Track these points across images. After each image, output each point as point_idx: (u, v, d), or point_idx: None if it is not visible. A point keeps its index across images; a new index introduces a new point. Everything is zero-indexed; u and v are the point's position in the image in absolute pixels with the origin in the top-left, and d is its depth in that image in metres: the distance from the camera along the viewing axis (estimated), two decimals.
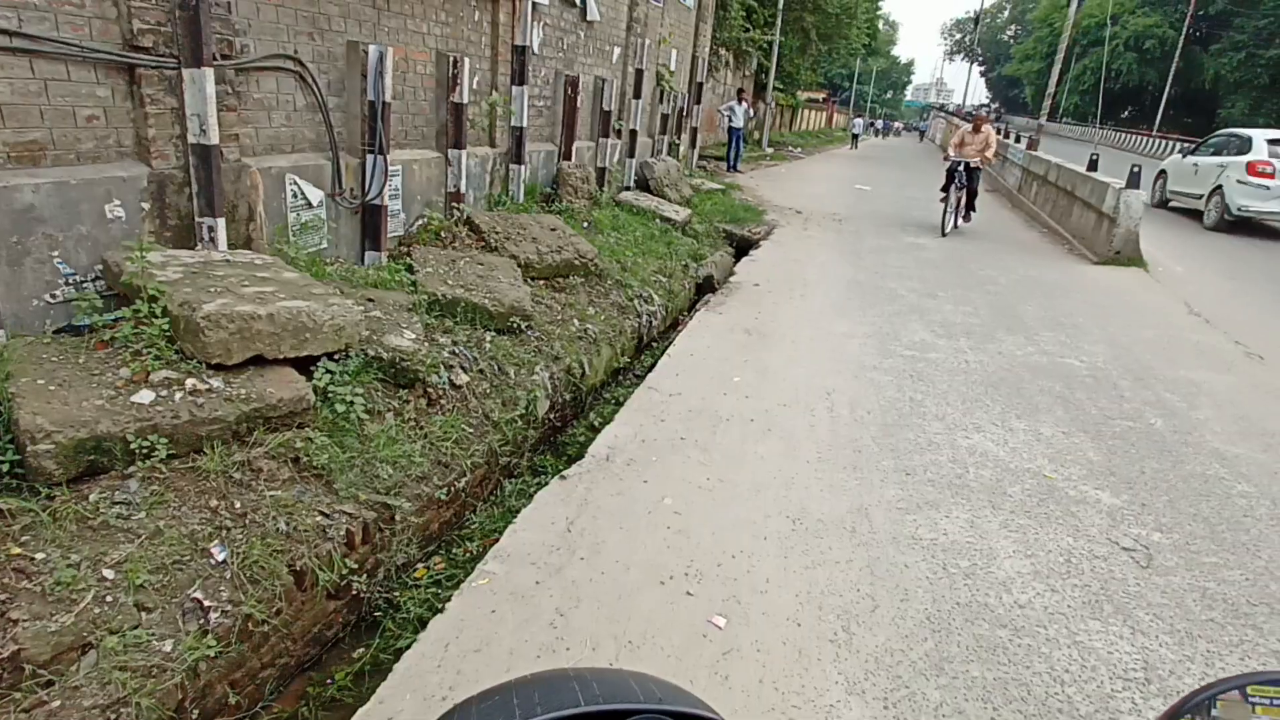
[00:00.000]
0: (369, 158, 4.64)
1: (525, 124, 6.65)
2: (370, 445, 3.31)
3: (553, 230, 6.01)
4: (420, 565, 3.35)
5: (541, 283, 5.56)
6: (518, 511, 3.22)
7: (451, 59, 5.39)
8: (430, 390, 3.78)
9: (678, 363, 4.87)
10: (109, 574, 2.22)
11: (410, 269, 4.75)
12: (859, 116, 41.43)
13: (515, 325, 4.62)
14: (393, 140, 4.96)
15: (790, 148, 26.85)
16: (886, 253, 8.97)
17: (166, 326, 2.93)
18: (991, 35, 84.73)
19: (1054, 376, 5.10)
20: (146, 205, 3.51)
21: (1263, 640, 2.61)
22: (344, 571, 2.82)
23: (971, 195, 10.72)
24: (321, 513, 2.89)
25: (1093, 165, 11.17)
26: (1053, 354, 5.59)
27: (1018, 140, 19.99)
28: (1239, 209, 11.91)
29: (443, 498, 3.46)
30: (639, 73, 9.73)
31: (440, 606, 2.61)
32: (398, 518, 3.19)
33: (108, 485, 2.48)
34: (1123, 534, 3.23)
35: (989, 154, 10.48)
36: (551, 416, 4.65)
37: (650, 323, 6.39)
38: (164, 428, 2.61)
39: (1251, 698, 0.75)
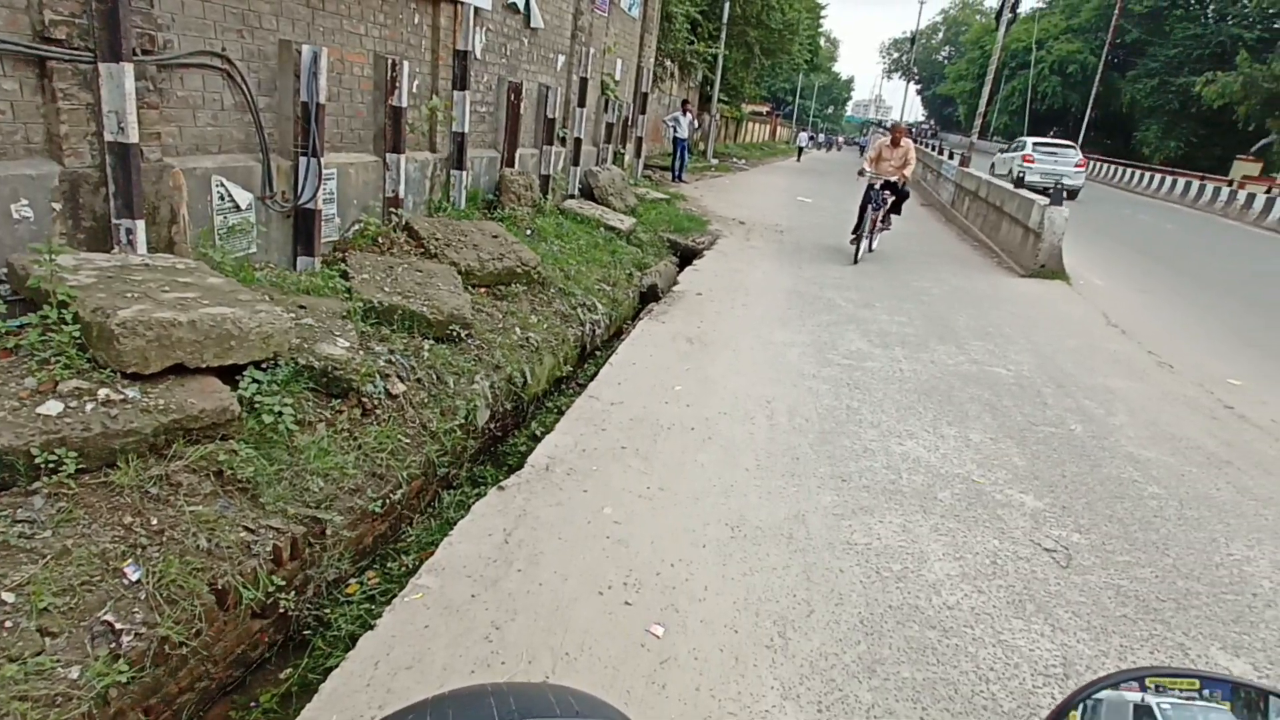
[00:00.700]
0: (302, 160, 4.50)
1: (467, 129, 6.57)
2: (300, 457, 3.20)
3: (495, 237, 5.95)
4: (353, 580, 3.25)
5: (483, 290, 5.49)
6: (456, 523, 3.16)
7: (390, 61, 5.29)
8: (365, 400, 3.68)
9: (620, 371, 4.87)
10: (8, 597, 2.09)
11: (345, 275, 4.63)
12: (803, 130, 42.42)
13: (455, 333, 4.55)
14: (328, 143, 4.83)
15: (735, 159, 27.24)
16: (826, 263, 9.17)
17: (78, 333, 2.77)
18: (927, 55, 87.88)
19: (983, 384, 5.28)
20: (58, 205, 3.33)
21: (1170, 634, 2.75)
22: (270, 589, 2.72)
23: (901, 199, 9.72)
24: (246, 528, 2.78)
25: (1019, 182, 11.65)
26: (982, 363, 5.80)
27: (951, 157, 20.77)
28: (1019, 179, 19.34)
29: (377, 510, 3.36)
30: (583, 81, 9.74)
31: (373, 623, 2.54)
32: (329, 532, 3.09)
33: (9, 502, 2.33)
34: (1044, 535, 3.36)
35: (907, 171, 9.37)
36: (492, 426, 4.59)
37: (594, 331, 6.37)
38: (73, 440, 2.47)
39: (1145, 689, 0.79)
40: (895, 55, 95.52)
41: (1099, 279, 10.02)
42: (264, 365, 3.29)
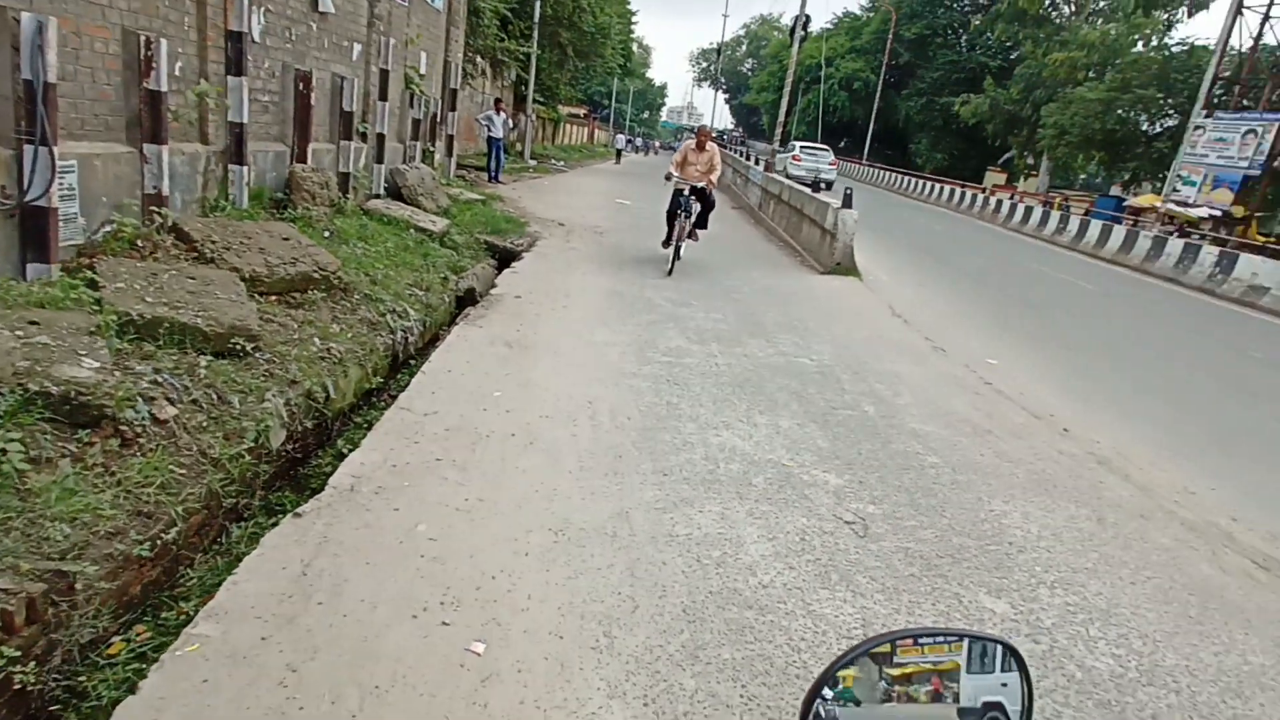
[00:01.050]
0: (28, 149, 3.79)
1: (246, 120, 5.92)
2: (36, 501, 2.68)
3: (286, 240, 5.41)
4: (116, 639, 2.77)
5: (273, 299, 4.97)
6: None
7: (143, 39, 4.62)
8: (124, 428, 3.17)
9: (434, 380, 4.61)
10: None
11: (94, 284, 3.96)
12: (621, 134, 43.35)
13: (238, 347, 4.06)
14: (64, 130, 4.11)
15: (553, 161, 27.21)
16: (644, 264, 9.35)
17: None
18: (732, 66, 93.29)
19: (790, 375, 5.60)
20: None
21: (947, 586, 3.06)
22: None
23: (707, 208, 9.18)
24: None
25: (815, 187, 12.67)
26: (789, 354, 6.16)
27: (757, 163, 22.17)
28: (789, 174, 23.00)
29: (145, 554, 2.89)
30: (384, 73, 9.18)
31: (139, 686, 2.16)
32: (79, 586, 2.60)
33: None
34: (845, 509, 3.60)
35: (714, 176, 8.98)
36: (290, 447, 4.15)
37: (406, 339, 6.00)
38: None
39: (893, 653, 0.83)
40: (704, 65, 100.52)
41: (885, 275, 11.09)
42: None
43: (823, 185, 13.90)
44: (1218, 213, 21.85)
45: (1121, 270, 17.49)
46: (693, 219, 8.99)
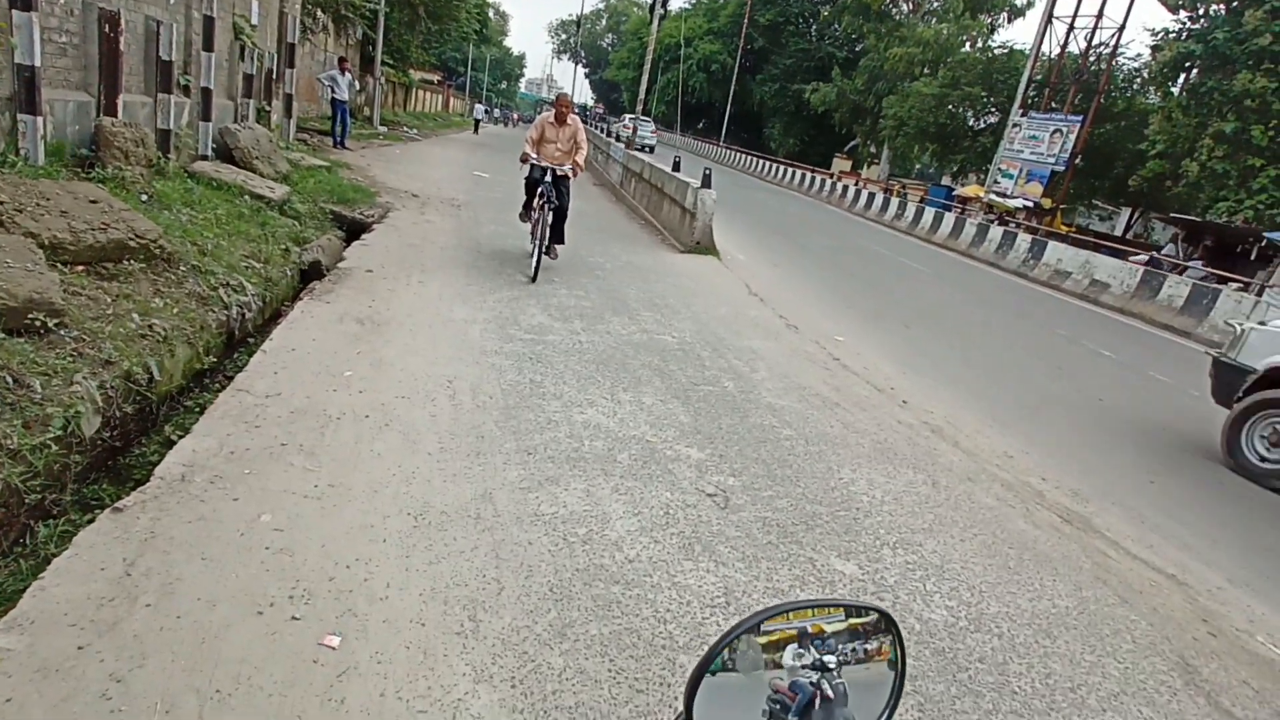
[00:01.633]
0: None
1: (39, 63, 5.14)
2: None
3: (94, 203, 4.79)
4: None
5: (80, 269, 4.40)
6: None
7: None
8: None
9: (276, 359, 4.28)
10: None
11: None
12: (480, 104, 41.93)
13: (38, 323, 3.57)
14: None
15: (406, 128, 25.85)
16: (505, 238, 9.14)
17: None
18: (593, 40, 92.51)
19: (653, 351, 5.71)
20: None
21: (802, 551, 3.26)
22: None
23: (561, 216, 7.52)
24: None
25: (676, 166, 12.90)
26: (651, 332, 6.27)
27: (618, 139, 22.18)
28: (620, 137, 24.22)
29: None
30: (209, 20, 8.28)
31: None
32: None
33: None
34: (707, 483, 3.73)
35: (580, 158, 7.45)
36: (107, 435, 3.72)
37: (243, 315, 5.53)
38: None
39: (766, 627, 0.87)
40: (563, 37, 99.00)
41: (741, 254, 11.52)
42: None
43: (646, 148, 23.85)
44: (1030, 204, 24.64)
45: (951, 254, 19.27)
46: (553, 210, 7.32)
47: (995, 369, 7.78)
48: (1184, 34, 22.39)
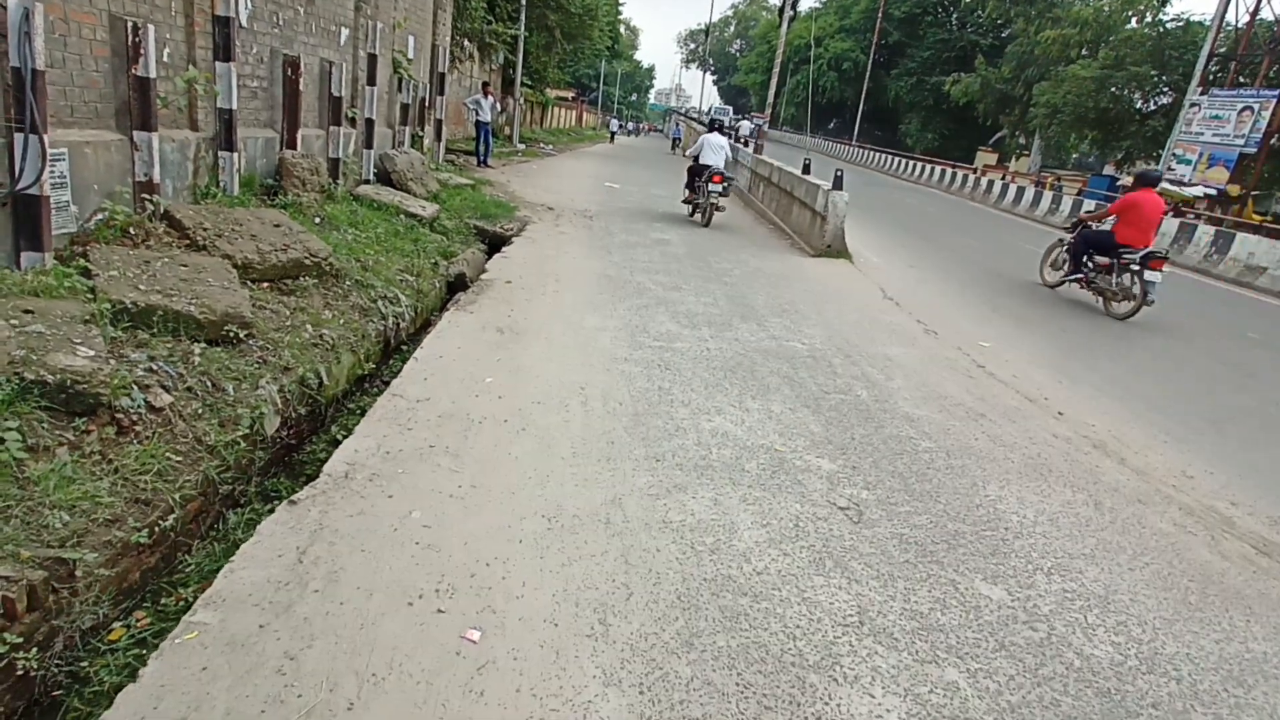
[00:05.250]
0: (18, 137, 3.77)
1: (235, 106, 5.88)
2: (35, 489, 2.72)
3: (277, 226, 5.40)
4: (117, 625, 2.82)
5: (265, 285, 4.97)
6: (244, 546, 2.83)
7: (130, 25, 4.58)
8: (120, 416, 3.19)
9: (426, 366, 4.63)
10: None
11: (87, 273, 3.96)
12: (613, 117, 43.50)
13: (232, 334, 4.07)
14: (53, 117, 4.09)
15: (542, 144, 27.02)
16: (634, 248, 9.35)
17: None
18: (720, 47, 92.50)
19: (781, 358, 5.64)
20: None
21: (943, 573, 3.09)
22: (1, 649, 2.28)
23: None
24: None
25: (806, 169, 12.66)
26: (780, 338, 6.20)
27: (746, 144, 22.06)
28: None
29: (143, 541, 2.93)
30: (372, 57, 9.10)
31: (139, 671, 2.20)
32: (80, 573, 2.64)
33: None
34: (839, 495, 3.64)
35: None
36: (284, 434, 4.18)
37: (398, 325, 6.02)
38: None
39: None
40: (692, 46, 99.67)
41: (875, 257, 11.12)
42: None
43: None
44: (1213, 191, 21.98)
45: None
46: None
47: (1169, 376, 6.97)
48: None
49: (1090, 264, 9.31)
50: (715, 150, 11.72)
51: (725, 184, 11.51)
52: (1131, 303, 8.70)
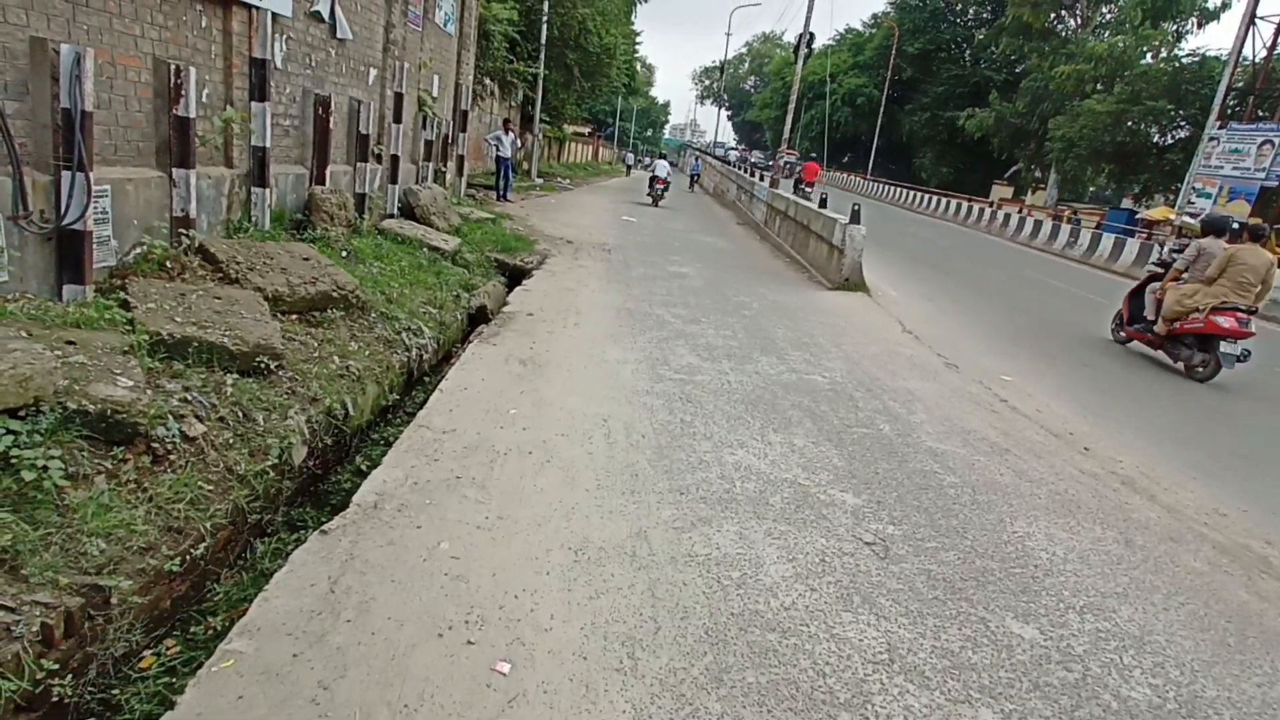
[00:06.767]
0: (65, 175, 3.91)
1: (269, 144, 6.06)
2: (74, 517, 2.76)
3: (306, 260, 5.52)
4: (148, 653, 2.84)
5: (294, 317, 5.07)
6: (271, 576, 2.85)
7: (173, 67, 4.76)
8: (155, 445, 3.25)
9: (451, 397, 4.68)
10: None
11: (126, 305, 4.07)
12: (629, 152, 44.51)
13: (263, 365, 4.15)
14: (99, 156, 4.24)
15: (559, 179, 27.44)
16: (653, 281, 9.44)
17: None
18: (735, 84, 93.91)
19: (802, 392, 5.65)
20: None
21: (973, 610, 3.06)
22: (39, 675, 2.31)
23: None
24: (4, 607, 2.35)
25: (823, 203, 12.77)
26: (800, 371, 6.21)
27: (762, 179, 22.30)
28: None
29: (175, 569, 2.97)
30: (398, 96, 9.35)
31: (173, 700, 2.22)
32: (114, 600, 2.68)
33: None
34: (864, 530, 3.62)
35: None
36: (311, 464, 4.23)
37: (421, 356, 6.09)
38: None
39: None
40: (706, 83, 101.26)
41: (893, 290, 11.14)
42: (22, 413, 2.81)
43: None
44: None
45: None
46: None
47: (1199, 411, 6.90)
48: None
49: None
50: (661, 168, 22.09)
51: (665, 185, 21.56)
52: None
